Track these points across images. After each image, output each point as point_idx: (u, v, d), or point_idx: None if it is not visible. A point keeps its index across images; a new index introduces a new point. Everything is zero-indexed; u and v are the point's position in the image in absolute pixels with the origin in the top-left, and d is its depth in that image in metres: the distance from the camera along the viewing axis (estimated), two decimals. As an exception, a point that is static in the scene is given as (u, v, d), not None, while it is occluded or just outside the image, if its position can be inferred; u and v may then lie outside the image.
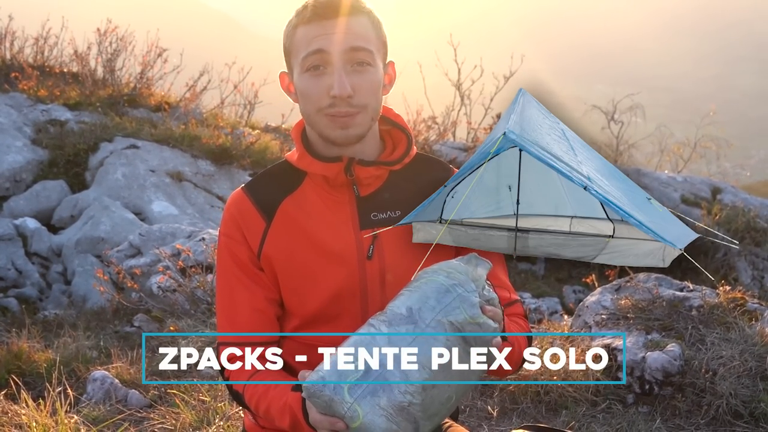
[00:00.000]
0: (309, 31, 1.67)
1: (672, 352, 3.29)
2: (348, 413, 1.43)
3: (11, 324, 5.24)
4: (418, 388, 1.45)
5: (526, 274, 8.52)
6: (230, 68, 11.56)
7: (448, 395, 1.51)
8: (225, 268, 1.84)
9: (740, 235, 8.96)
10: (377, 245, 1.78)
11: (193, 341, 4.34)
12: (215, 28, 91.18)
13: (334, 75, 1.66)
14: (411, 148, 1.84)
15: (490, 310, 1.52)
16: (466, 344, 1.50)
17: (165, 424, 3.27)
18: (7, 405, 3.15)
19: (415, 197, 1.80)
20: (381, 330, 1.50)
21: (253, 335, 1.80)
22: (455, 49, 13.02)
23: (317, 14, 1.66)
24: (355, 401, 1.43)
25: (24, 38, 11.95)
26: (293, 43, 1.71)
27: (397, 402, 1.44)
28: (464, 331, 1.49)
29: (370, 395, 1.44)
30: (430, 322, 1.48)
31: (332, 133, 1.72)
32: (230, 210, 1.84)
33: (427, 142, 10.48)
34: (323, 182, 1.80)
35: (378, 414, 1.43)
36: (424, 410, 1.47)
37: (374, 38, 1.71)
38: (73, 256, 6.89)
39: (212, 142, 9.14)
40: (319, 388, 1.46)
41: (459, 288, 1.51)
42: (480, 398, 3.50)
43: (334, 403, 1.45)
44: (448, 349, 1.48)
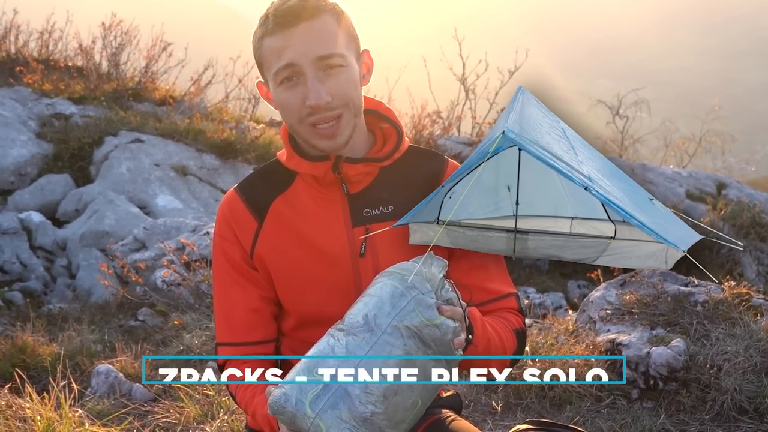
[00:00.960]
0: (275, 42, 1.65)
1: (677, 347, 3.28)
2: (311, 428, 1.42)
3: (16, 318, 5.25)
4: (378, 397, 1.43)
5: (531, 269, 8.51)
6: (235, 62, 11.58)
7: (413, 400, 1.49)
8: (220, 269, 1.85)
9: (745, 231, 8.95)
10: (370, 243, 1.77)
11: (197, 335, 4.35)
12: (220, 22, 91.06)
13: (308, 84, 1.64)
14: (401, 143, 1.83)
15: (448, 310, 1.50)
16: (425, 347, 1.48)
17: (169, 418, 3.27)
18: (11, 399, 3.15)
19: (407, 191, 1.80)
20: (339, 340, 1.48)
21: (249, 337, 1.80)
22: (460, 43, 13.01)
23: (279, 24, 1.63)
24: (317, 416, 1.42)
25: (29, 32, 11.96)
26: (263, 56, 1.69)
27: (359, 413, 1.42)
28: (422, 335, 1.47)
29: (330, 408, 1.42)
30: (386, 328, 1.46)
31: (319, 143, 1.72)
32: (222, 210, 1.84)
33: (431, 136, 10.45)
34: (313, 181, 1.80)
35: (341, 427, 1.41)
36: (389, 418, 1.45)
37: (342, 36, 1.68)
38: (77, 249, 6.90)
39: (217, 136, 9.14)
40: (282, 404, 1.45)
41: (413, 290, 1.49)
42: (484, 393, 3.50)
43: (297, 419, 1.44)
44: (407, 353, 1.46)
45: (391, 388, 1.45)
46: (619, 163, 10.87)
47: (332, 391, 1.43)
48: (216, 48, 13.57)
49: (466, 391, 3.47)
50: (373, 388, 1.43)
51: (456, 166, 1.89)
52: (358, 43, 1.75)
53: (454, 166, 1.88)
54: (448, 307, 1.51)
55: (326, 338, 1.51)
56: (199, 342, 4.25)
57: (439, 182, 1.82)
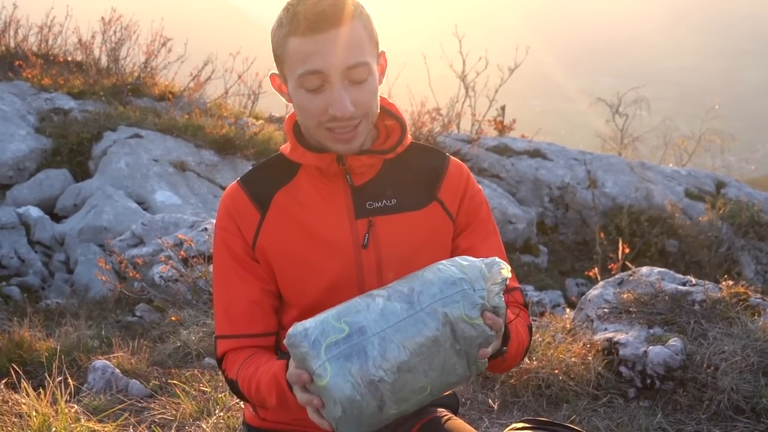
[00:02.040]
0: (303, 45, 1.61)
1: (674, 346, 3.28)
2: (318, 370, 1.41)
3: (13, 312, 5.24)
4: (393, 366, 1.42)
5: (529, 266, 8.52)
6: (234, 58, 11.56)
7: (423, 385, 1.47)
8: (221, 261, 1.84)
9: (744, 230, 8.96)
10: (372, 234, 1.77)
11: (194, 331, 4.35)
12: (220, 17, 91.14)
13: (334, 94, 1.62)
14: (405, 137, 1.83)
15: (490, 318, 1.49)
16: (455, 341, 1.47)
17: (165, 415, 3.27)
18: (7, 394, 3.15)
19: (410, 185, 1.81)
20: (376, 301, 1.48)
21: (250, 329, 1.79)
22: (460, 40, 13.01)
23: (311, 28, 1.59)
24: (327, 360, 1.41)
25: (28, 27, 11.94)
26: (286, 53, 1.66)
27: (368, 374, 1.41)
28: (456, 328, 1.46)
29: (344, 358, 1.41)
30: (426, 307, 1.46)
31: (334, 146, 1.71)
32: (225, 203, 1.84)
33: (431, 133, 10.45)
34: (317, 173, 1.80)
35: (345, 379, 1.40)
36: (394, 392, 1.44)
37: (368, 43, 1.66)
38: (75, 245, 6.89)
39: (216, 132, 9.13)
40: (300, 339, 1.44)
41: (466, 284, 1.48)
42: (481, 391, 3.50)
43: (308, 358, 1.43)
44: (436, 339, 1.45)
45: (407, 363, 1.44)
46: (618, 161, 10.88)
47: (351, 343, 1.42)
48: (216, 44, 13.58)
49: (463, 389, 3.47)
50: (391, 357, 1.42)
51: (458, 164, 1.89)
52: (378, 45, 1.73)
53: (455, 164, 1.89)
54: (492, 315, 1.49)
55: (365, 297, 1.51)
56: (196, 338, 4.25)
57: (440, 179, 1.84)
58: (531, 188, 9.84)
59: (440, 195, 1.84)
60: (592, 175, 9.80)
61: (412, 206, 1.80)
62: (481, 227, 1.87)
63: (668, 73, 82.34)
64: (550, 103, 74.48)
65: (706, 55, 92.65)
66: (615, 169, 10.22)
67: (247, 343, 1.79)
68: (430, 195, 1.83)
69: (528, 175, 9.90)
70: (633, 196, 9.60)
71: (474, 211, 1.87)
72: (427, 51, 13.33)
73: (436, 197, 1.83)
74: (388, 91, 11.93)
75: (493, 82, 13.13)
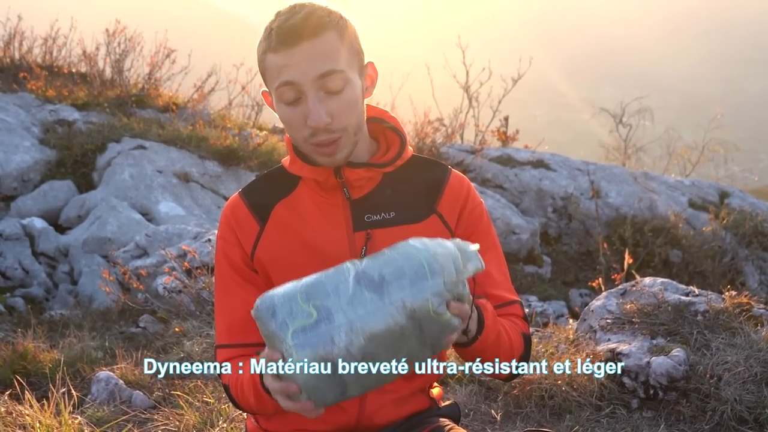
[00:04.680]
0: (276, 60, 1.64)
1: (677, 357, 3.27)
2: (284, 354, 1.45)
3: (17, 324, 5.26)
4: (358, 356, 1.45)
5: (533, 276, 8.51)
6: (238, 69, 11.59)
7: (387, 373, 1.51)
8: (221, 271, 1.86)
9: (747, 240, 8.95)
10: (370, 246, 1.78)
11: (197, 342, 4.35)
12: (223, 29, 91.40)
13: (308, 104, 1.65)
14: (404, 150, 1.84)
15: (455, 307, 1.50)
16: (421, 333, 1.49)
17: (169, 426, 3.27)
18: (11, 405, 3.16)
19: (410, 197, 1.82)
20: (348, 284, 1.48)
21: (248, 338, 1.80)
22: (463, 51, 13.03)
23: (282, 42, 1.62)
24: (293, 346, 1.44)
25: (33, 38, 12.01)
26: (265, 69, 1.69)
27: (334, 364, 1.44)
28: (423, 324, 1.48)
29: (310, 347, 1.43)
30: (395, 300, 1.46)
31: (320, 160, 1.74)
32: (226, 213, 1.87)
33: (434, 144, 10.46)
34: (316, 186, 1.81)
35: (310, 367, 1.43)
36: (358, 380, 1.48)
37: (344, 52, 1.67)
38: (79, 256, 6.91)
39: (220, 143, 9.16)
40: (266, 316, 1.47)
41: (438, 278, 1.48)
42: (484, 402, 3.49)
43: (275, 339, 1.46)
44: (403, 332, 1.47)
45: (373, 353, 1.47)
46: (622, 171, 10.88)
47: (318, 332, 1.44)
48: (219, 55, 13.60)
49: (466, 400, 3.47)
50: (356, 347, 1.45)
51: (459, 176, 1.90)
52: (361, 56, 1.74)
53: (456, 177, 1.89)
54: (456, 304, 1.50)
55: (336, 273, 1.51)
56: (199, 349, 4.25)
57: (441, 191, 1.84)
58: (534, 198, 9.84)
59: (440, 208, 1.84)
60: (596, 186, 9.80)
61: (410, 219, 1.81)
62: (481, 240, 1.87)
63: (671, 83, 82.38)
64: (553, 112, 74.58)
65: (708, 64, 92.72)
66: (618, 180, 10.22)
67: (245, 352, 1.80)
68: (429, 208, 1.84)
69: (531, 186, 9.90)
70: (636, 206, 9.59)
71: (474, 223, 1.88)
72: (430, 61, 13.36)
73: (436, 210, 1.84)
74: (392, 102, 11.97)
75: (496, 92, 13.14)
